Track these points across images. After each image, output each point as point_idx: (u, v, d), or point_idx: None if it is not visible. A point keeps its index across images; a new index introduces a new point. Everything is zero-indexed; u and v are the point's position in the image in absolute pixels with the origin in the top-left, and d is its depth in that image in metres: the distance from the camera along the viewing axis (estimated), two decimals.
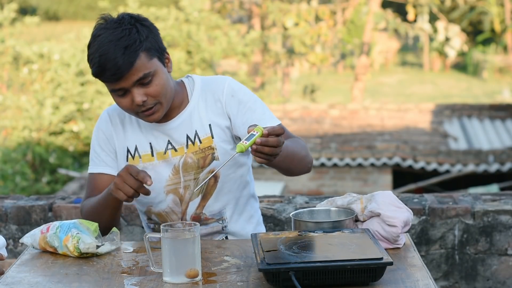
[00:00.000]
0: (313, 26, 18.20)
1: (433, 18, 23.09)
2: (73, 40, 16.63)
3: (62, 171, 13.50)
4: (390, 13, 19.27)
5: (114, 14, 2.41)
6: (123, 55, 2.31)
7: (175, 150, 2.48)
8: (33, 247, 2.36)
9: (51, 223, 2.35)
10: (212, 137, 2.47)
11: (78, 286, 2.06)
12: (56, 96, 14.96)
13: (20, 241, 2.38)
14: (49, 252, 2.32)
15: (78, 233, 2.27)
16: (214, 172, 2.32)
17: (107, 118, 2.55)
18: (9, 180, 13.95)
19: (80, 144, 15.23)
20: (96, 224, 2.33)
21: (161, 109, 2.41)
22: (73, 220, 2.33)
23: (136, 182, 2.26)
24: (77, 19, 40.03)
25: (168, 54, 2.44)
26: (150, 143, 2.50)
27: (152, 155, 2.49)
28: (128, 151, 2.52)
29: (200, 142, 2.47)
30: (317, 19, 18.97)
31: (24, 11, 32.72)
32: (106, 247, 2.28)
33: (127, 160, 2.51)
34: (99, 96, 15.25)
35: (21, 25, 16.50)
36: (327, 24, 18.20)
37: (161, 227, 2.07)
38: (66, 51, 15.45)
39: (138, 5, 16.16)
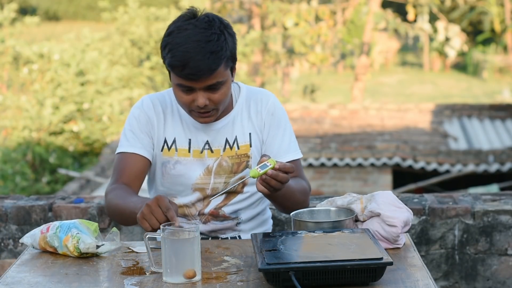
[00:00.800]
0: (313, 26, 18.18)
1: (433, 18, 23.07)
2: (73, 40, 16.65)
3: (62, 171, 13.50)
4: (390, 13, 19.24)
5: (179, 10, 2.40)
6: (208, 59, 2.32)
7: (211, 151, 2.52)
8: (33, 247, 2.36)
9: (51, 223, 2.35)
10: (250, 146, 2.54)
11: (78, 286, 2.06)
12: (56, 96, 14.97)
13: (20, 241, 2.38)
14: (49, 252, 2.32)
15: (78, 233, 2.27)
16: (227, 189, 2.45)
17: (150, 104, 2.55)
18: (9, 180, 13.96)
19: (80, 144, 15.23)
20: (96, 224, 2.33)
21: (216, 114, 2.46)
22: (73, 220, 2.33)
23: (164, 217, 2.16)
24: (77, 19, 40.05)
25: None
26: (190, 139, 2.52)
27: (189, 151, 2.52)
28: (165, 141, 2.54)
29: (238, 148, 2.53)
30: (317, 19, 18.94)
31: (24, 11, 32.72)
32: (106, 247, 2.27)
33: (161, 150, 2.53)
34: (99, 96, 15.25)
35: (21, 25, 16.52)
36: (327, 24, 18.17)
37: (161, 227, 2.07)
38: (66, 51, 15.47)
39: (138, 5, 16.15)
